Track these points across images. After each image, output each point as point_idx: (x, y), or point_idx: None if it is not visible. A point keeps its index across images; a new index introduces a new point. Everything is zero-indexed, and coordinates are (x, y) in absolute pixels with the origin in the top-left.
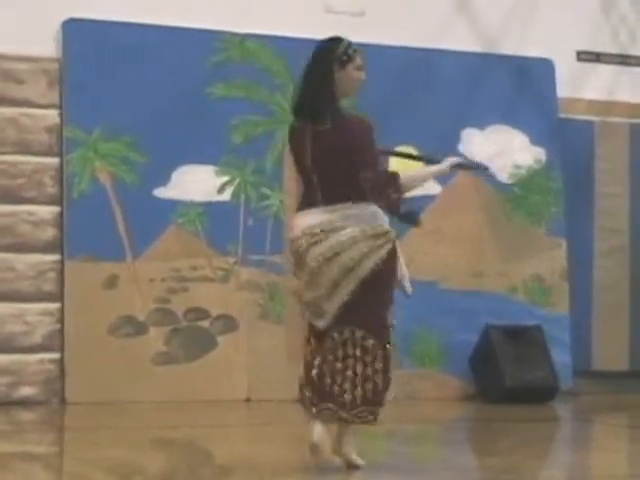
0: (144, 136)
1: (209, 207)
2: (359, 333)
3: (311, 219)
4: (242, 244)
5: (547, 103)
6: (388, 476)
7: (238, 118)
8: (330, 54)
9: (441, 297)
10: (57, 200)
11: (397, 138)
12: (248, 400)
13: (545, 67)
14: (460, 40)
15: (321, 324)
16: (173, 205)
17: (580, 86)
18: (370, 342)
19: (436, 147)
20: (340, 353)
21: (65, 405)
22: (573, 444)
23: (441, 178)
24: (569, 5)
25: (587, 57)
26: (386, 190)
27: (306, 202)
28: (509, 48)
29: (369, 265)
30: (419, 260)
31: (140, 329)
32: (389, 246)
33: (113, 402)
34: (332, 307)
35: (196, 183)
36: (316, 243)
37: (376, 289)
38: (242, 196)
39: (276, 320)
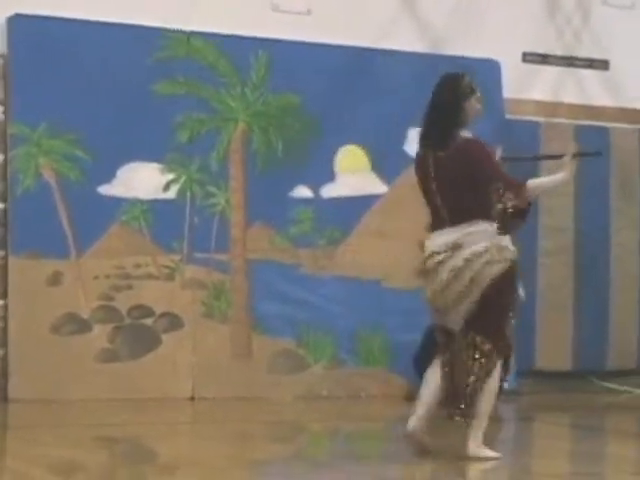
0: (89, 133)
1: (154, 205)
2: (478, 338)
3: (440, 239)
4: (187, 242)
5: (493, 104)
6: (329, 474)
7: (183, 116)
8: (457, 87)
9: (385, 296)
10: (1, 197)
11: (343, 137)
12: (192, 398)
13: (491, 68)
14: (406, 40)
15: (450, 326)
16: (118, 202)
17: (526, 87)
18: (487, 347)
19: (382, 146)
20: (464, 355)
21: (8, 403)
22: (516, 443)
23: (388, 177)
24: (515, 6)
25: (533, 58)
26: (521, 194)
27: (435, 223)
28: (455, 49)
29: (489, 277)
30: (363, 259)
31: (84, 327)
32: (509, 260)
33: (56, 400)
34: (459, 314)
35: (141, 181)
36: (444, 260)
37: (495, 299)
38: (187, 194)
39: (221, 318)
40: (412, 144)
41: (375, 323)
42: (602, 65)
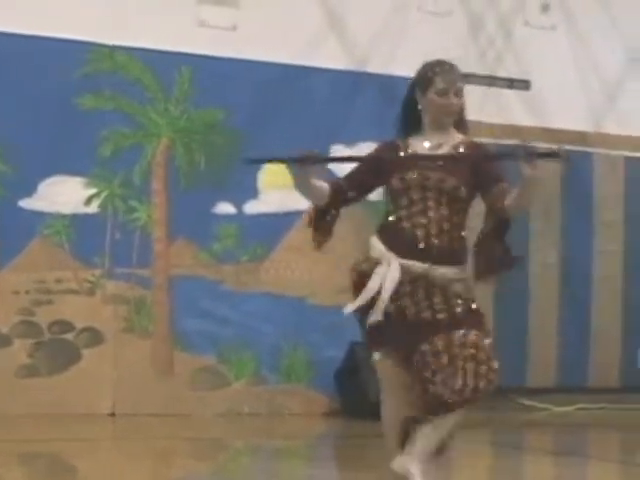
0: (10, 146)
1: (76, 219)
2: None
3: None
4: (109, 257)
5: None
6: None
7: (107, 130)
8: (414, 79)
9: (308, 313)
10: None
11: (266, 153)
12: (113, 414)
13: None
14: (330, 57)
15: None
16: (39, 216)
17: None
18: None
19: None
20: None
21: None
22: (436, 459)
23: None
24: (438, 26)
25: None
26: None
27: None
28: (379, 67)
29: None
30: (287, 276)
31: (3, 341)
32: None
33: None
34: None
35: (63, 195)
36: None
37: None
38: (109, 208)
39: (142, 334)
40: None
41: (297, 340)
42: (523, 85)
